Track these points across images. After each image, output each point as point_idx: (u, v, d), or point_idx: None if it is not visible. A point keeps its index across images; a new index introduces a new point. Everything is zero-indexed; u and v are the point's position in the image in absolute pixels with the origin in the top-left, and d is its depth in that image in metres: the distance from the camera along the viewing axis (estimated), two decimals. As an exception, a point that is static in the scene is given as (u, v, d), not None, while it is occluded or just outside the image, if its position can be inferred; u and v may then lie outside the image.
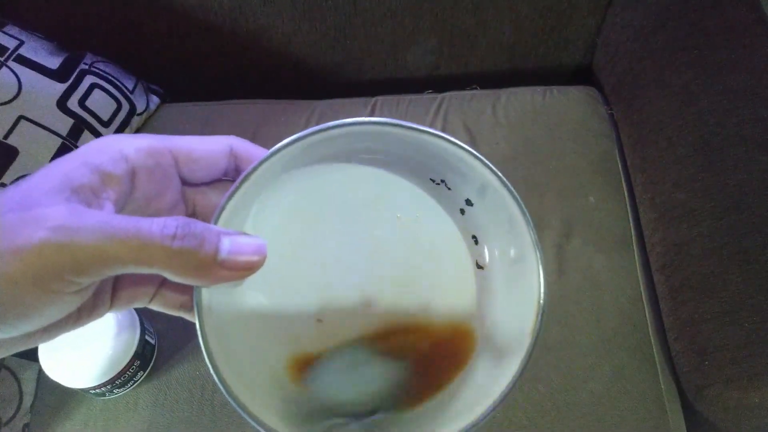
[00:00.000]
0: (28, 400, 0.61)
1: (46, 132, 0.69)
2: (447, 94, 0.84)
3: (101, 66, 0.79)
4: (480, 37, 0.86)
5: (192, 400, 0.61)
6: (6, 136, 0.65)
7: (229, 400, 0.23)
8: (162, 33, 0.85)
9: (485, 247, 0.27)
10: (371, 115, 0.82)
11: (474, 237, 0.27)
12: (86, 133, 0.74)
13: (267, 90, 0.88)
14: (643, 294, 0.65)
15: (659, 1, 0.76)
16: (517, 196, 0.24)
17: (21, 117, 0.67)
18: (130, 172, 0.22)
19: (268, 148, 0.23)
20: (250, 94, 0.87)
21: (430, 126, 0.83)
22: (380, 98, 0.84)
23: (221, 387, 0.23)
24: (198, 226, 0.20)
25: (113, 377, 0.57)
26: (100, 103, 0.76)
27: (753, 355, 0.53)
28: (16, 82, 0.68)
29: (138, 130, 0.83)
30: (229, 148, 0.24)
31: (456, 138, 0.24)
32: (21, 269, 0.18)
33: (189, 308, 0.24)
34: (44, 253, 0.18)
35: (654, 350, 0.62)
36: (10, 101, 0.67)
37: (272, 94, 0.86)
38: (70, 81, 0.74)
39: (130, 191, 0.22)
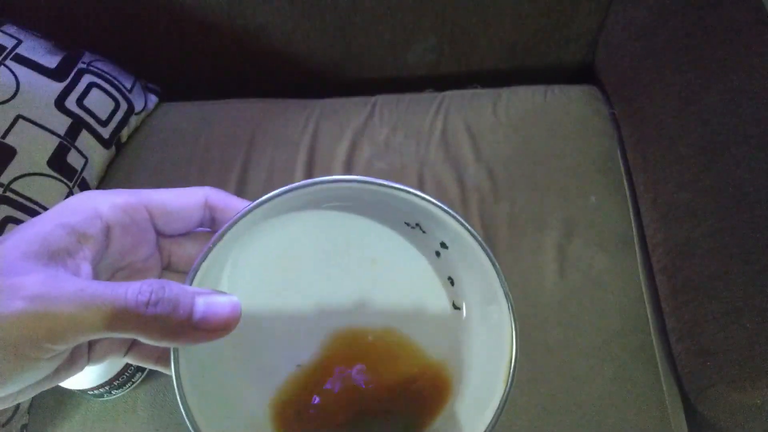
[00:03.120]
0: (25, 402, 0.61)
1: (44, 131, 0.68)
2: (447, 93, 0.83)
3: (99, 65, 0.78)
4: (481, 36, 0.86)
5: (191, 401, 0.60)
6: (4, 136, 0.65)
7: None
8: (160, 31, 0.84)
9: (460, 289, 0.28)
10: (371, 113, 0.81)
11: (450, 278, 0.28)
12: (84, 133, 0.73)
13: (266, 89, 0.88)
14: (644, 294, 0.65)
15: (661, 0, 0.75)
16: (487, 249, 0.25)
17: (19, 116, 0.67)
18: (104, 229, 0.22)
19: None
20: (248, 93, 0.86)
21: (431, 125, 0.83)
22: (380, 97, 0.84)
23: None
24: (173, 289, 0.20)
25: (111, 378, 0.56)
26: (98, 102, 0.76)
27: (756, 355, 0.53)
28: (14, 81, 0.68)
29: (136, 129, 0.83)
30: (203, 199, 0.24)
31: (427, 194, 0.24)
32: None
33: (166, 361, 0.24)
34: (22, 323, 0.18)
35: (656, 351, 0.62)
36: (8, 100, 0.66)
37: (271, 93, 0.86)
38: (68, 80, 0.73)
39: (105, 248, 0.22)
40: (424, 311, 0.28)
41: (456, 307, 0.28)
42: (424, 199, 0.24)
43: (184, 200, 0.24)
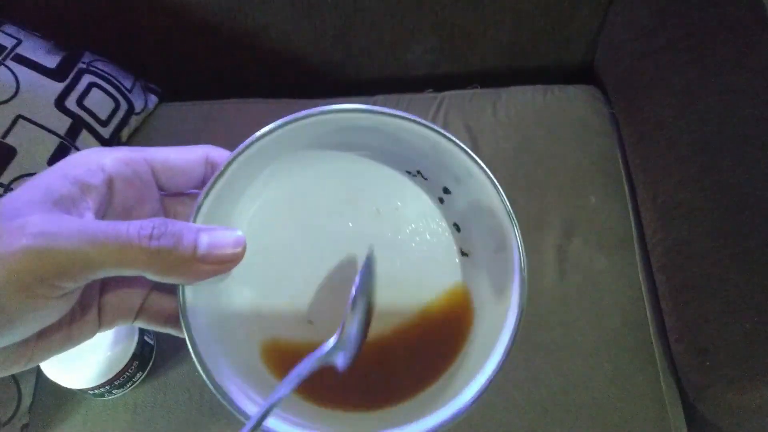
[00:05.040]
0: (26, 401, 0.61)
1: (45, 131, 0.68)
2: (447, 93, 0.83)
3: (99, 65, 0.79)
4: (480, 36, 0.86)
5: (191, 401, 0.60)
6: (4, 136, 0.65)
7: (221, 399, 0.23)
8: (160, 31, 0.84)
9: (467, 234, 0.27)
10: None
11: (456, 225, 0.27)
12: (84, 133, 0.73)
13: (266, 89, 0.88)
14: (644, 294, 0.65)
15: (661, 0, 0.75)
16: (497, 183, 0.24)
17: (19, 116, 0.67)
18: (107, 181, 0.22)
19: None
20: (249, 93, 0.86)
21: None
22: (380, 97, 0.84)
23: (215, 393, 0.23)
24: (175, 225, 0.21)
25: (112, 378, 0.56)
26: (99, 103, 0.76)
27: (754, 355, 0.53)
28: (14, 82, 0.68)
29: (136, 130, 0.83)
30: (204, 156, 0.24)
31: (433, 123, 0.24)
32: (5, 275, 0.18)
33: (174, 322, 0.24)
34: (27, 259, 0.18)
35: (655, 351, 0.62)
36: (8, 100, 0.66)
37: (271, 93, 0.86)
38: (68, 80, 0.73)
39: (109, 200, 0.23)
40: (432, 259, 0.27)
41: (464, 254, 0.27)
42: (434, 130, 0.23)
43: (185, 155, 0.24)
